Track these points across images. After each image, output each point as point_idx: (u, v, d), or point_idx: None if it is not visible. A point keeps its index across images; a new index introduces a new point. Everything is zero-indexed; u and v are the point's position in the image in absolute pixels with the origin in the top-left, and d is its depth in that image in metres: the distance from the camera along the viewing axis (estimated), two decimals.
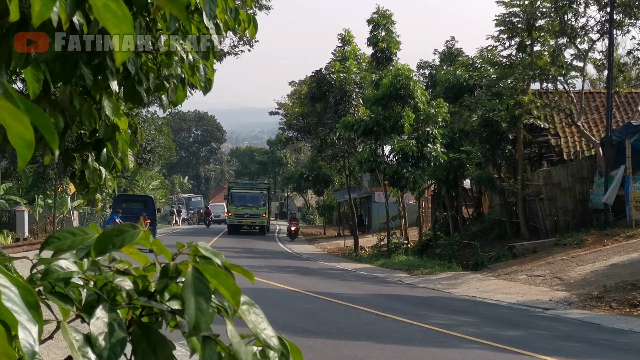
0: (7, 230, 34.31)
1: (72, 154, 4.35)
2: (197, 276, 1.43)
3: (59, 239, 1.53)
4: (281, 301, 16.32)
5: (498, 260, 26.04)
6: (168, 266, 1.50)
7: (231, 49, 40.72)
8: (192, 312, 1.38)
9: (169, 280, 1.49)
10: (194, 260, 1.48)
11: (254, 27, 4.45)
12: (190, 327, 1.37)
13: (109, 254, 1.54)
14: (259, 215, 55.59)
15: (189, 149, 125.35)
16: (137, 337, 1.44)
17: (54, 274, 1.49)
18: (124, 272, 1.57)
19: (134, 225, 1.52)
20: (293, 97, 62.07)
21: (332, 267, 29.95)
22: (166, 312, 1.50)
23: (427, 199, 44.24)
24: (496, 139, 29.03)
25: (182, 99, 4.35)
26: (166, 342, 1.45)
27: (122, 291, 1.52)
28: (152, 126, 53.29)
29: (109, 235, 1.48)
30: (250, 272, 1.58)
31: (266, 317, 1.65)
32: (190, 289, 1.40)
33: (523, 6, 28.48)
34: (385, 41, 40.41)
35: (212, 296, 1.42)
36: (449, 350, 11.17)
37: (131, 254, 1.68)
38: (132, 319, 1.50)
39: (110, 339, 1.37)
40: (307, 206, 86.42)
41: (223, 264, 1.50)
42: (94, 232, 1.55)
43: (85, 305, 1.47)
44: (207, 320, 1.39)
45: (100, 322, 1.39)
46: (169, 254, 1.56)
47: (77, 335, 1.37)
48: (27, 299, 1.23)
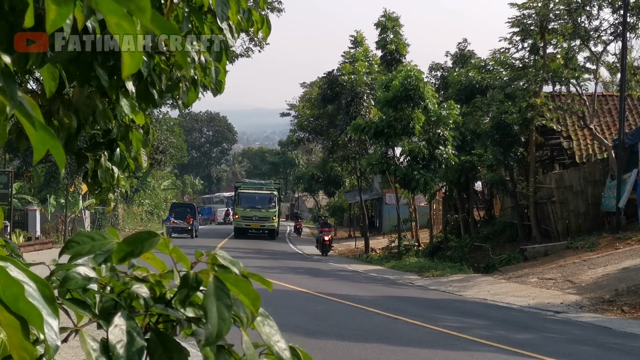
0: (19, 230, 34.46)
1: (85, 154, 4.36)
2: (218, 285, 1.43)
3: (78, 244, 1.54)
4: (292, 302, 16.32)
5: (509, 263, 25.96)
6: (188, 275, 1.50)
7: (244, 51, 40.84)
8: (215, 320, 1.38)
9: (190, 291, 1.49)
10: (212, 269, 1.48)
11: (268, 27, 4.45)
12: (212, 336, 1.37)
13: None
14: (269, 218, 50.87)
15: (200, 149, 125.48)
16: (153, 344, 1.44)
17: (72, 280, 1.49)
18: (142, 280, 1.58)
19: (153, 233, 1.52)
20: (304, 99, 62.10)
21: (343, 269, 29.94)
22: (183, 320, 1.51)
23: (438, 201, 44.17)
24: (508, 142, 28.94)
25: (193, 100, 4.35)
26: (182, 349, 1.45)
27: (139, 298, 1.52)
28: (164, 126, 53.43)
29: (129, 243, 1.49)
30: (269, 281, 1.58)
31: (277, 319, 1.65)
32: (212, 298, 1.41)
33: (536, 8, 28.39)
34: (394, 43, 40.38)
35: (232, 305, 1.42)
36: (460, 353, 11.14)
37: (148, 259, 1.68)
38: (149, 325, 1.50)
39: (129, 348, 1.37)
40: (318, 207, 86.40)
41: (241, 272, 1.51)
42: (113, 237, 1.55)
43: (102, 312, 1.48)
44: (227, 328, 1.40)
45: (119, 330, 1.39)
46: (188, 262, 1.56)
47: (94, 344, 1.37)
48: (44, 293, 1.24)
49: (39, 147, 1.29)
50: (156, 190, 68.09)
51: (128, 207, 58.97)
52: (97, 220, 47.33)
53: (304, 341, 10.77)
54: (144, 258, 1.66)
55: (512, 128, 28.68)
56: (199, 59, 4.04)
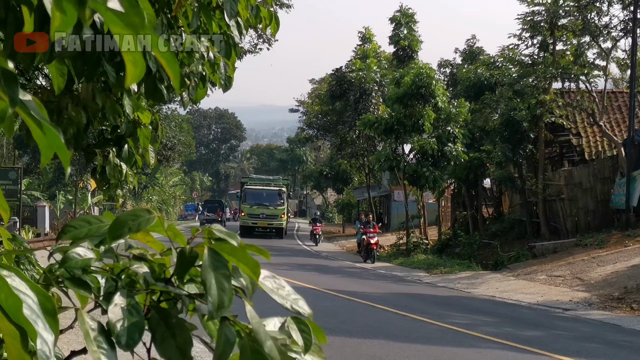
0: (29, 226, 34.57)
1: (93, 150, 4.37)
2: (214, 256, 1.42)
3: (75, 228, 1.53)
4: None
5: (518, 260, 25.91)
6: (184, 250, 1.49)
7: (252, 47, 40.81)
8: (215, 291, 1.37)
9: (186, 265, 1.48)
10: (209, 243, 1.47)
11: (276, 24, 4.45)
12: (215, 307, 1.36)
13: (125, 241, 1.54)
14: (277, 216, 47.93)
15: (208, 146, 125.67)
16: (155, 321, 1.44)
17: (72, 261, 1.50)
18: (140, 258, 1.58)
19: (149, 210, 1.52)
20: (313, 95, 62.08)
21: (351, 266, 29.94)
22: (184, 296, 1.50)
23: (447, 198, 44.10)
24: (517, 138, 28.86)
25: (202, 96, 4.36)
26: (185, 325, 1.45)
27: (139, 278, 1.52)
28: (173, 123, 53.47)
29: (123, 220, 1.47)
30: (266, 251, 1.56)
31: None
32: (209, 269, 1.40)
33: (546, 5, 28.29)
34: (407, 39, 40.33)
35: (231, 274, 1.42)
36: (468, 350, 11.13)
37: (148, 242, 1.68)
38: (151, 304, 1.50)
39: (129, 326, 1.37)
40: (327, 204, 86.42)
41: (238, 244, 1.50)
42: (109, 220, 1.55)
43: (105, 295, 1.48)
44: (229, 299, 1.39)
45: (118, 308, 1.39)
46: (184, 238, 1.55)
47: (92, 323, 1.37)
48: (45, 306, 1.24)
49: (46, 152, 1.30)
50: (165, 187, 68.20)
51: (137, 203, 59.09)
52: None
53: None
54: (144, 241, 1.66)
55: (521, 125, 28.60)
56: (208, 55, 4.04)
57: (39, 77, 5.33)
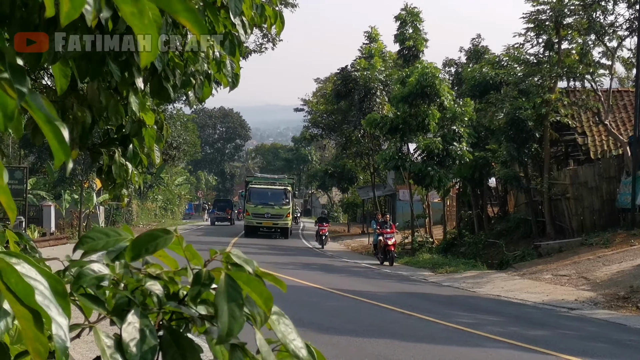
0: (34, 225, 34.62)
1: (99, 150, 4.37)
2: (230, 283, 1.43)
3: (93, 240, 1.54)
4: (306, 298, 16.33)
5: (523, 260, 25.88)
6: (201, 272, 1.50)
7: (257, 47, 40.87)
8: (225, 319, 1.38)
9: (201, 287, 1.49)
10: (226, 268, 1.48)
11: (281, 23, 4.44)
12: (223, 334, 1.37)
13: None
14: (282, 216, 46.60)
15: (213, 145, 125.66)
16: (166, 342, 1.44)
17: (87, 277, 1.50)
18: (155, 277, 1.58)
19: (167, 230, 1.52)
20: (318, 95, 62.07)
21: (356, 265, 29.94)
22: (196, 318, 1.50)
23: (452, 198, 44.07)
24: (522, 138, 28.83)
25: (208, 95, 4.36)
26: (195, 346, 1.45)
27: (152, 295, 1.52)
28: (178, 122, 53.51)
29: (142, 241, 1.49)
30: (282, 281, 1.57)
31: (291, 315, 1.64)
32: (223, 296, 1.41)
33: (551, 4, 28.24)
34: (413, 39, 40.28)
35: (244, 304, 1.42)
36: (474, 350, 11.12)
37: (160, 257, 1.68)
38: (162, 323, 1.50)
39: (142, 346, 1.37)
40: (331, 203, 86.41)
41: (254, 271, 1.50)
42: (127, 233, 1.55)
43: (115, 308, 1.48)
44: (239, 327, 1.39)
45: (132, 327, 1.39)
46: (201, 260, 1.56)
47: (108, 340, 1.37)
48: (55, 288, 1.25)
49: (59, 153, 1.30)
50: (170, 186, 68.26)
51: (142, 202, 59.15)
52: (111, 215, 47.48)
53: (317, 337, 10.78)
54: (157, 256, 1.66)
55: (527, 124, 28.57)
56: (214, 54, 4.04)
57: (44, 77, 5.34)
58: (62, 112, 3.92)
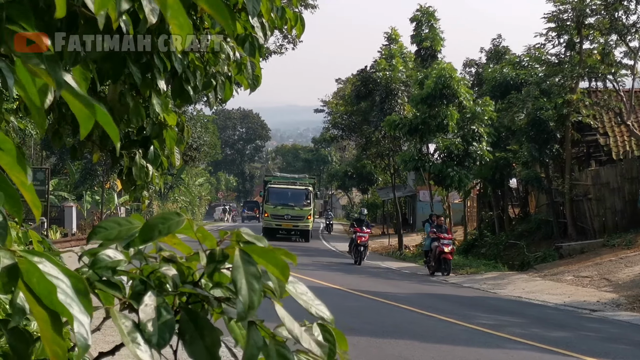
0: (56, 226, 34.88)
1: (120, 152, 4.40)
2: (245, 257, 1.44)
3: (106, 229, 1.55)
4: (325, 299, 16.05)
5: (544, 261, 25.75)
6: (215, 251, 1.51)
7: (277, 48, 40.95)
8: (245, 292, 1.39)
9: (217, 264, 1.50)
10: (237, 245, 1.49)
11: (302, 25, 4.45)
12: (245, 308, 1.38)
13: (154, 243, 1.56)
14: (303, 217, 44.12)
15: (234, 146, 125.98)
16: (184, 322, 1.46)
17: (102, 262, 1.52)
18: (169, 260, 1.59)
19: (178, 213, 1.53)
20: (337, 96, 62.03)
21: (376, 266, 29.89)
22: (212, 298, 1.52)
23: (473, 198, 43.92)
24: (544, 138, 28.69)
25: (229, 96, 4.38)
26: (213, 327, 1.47)
27: (168, 279, 1.54)
28: (198, 124, 53.68)
29: (154, 223, 1.49)
30: (293, 254, 1.57)
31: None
32: (240, 269, 1.42)
33: (572, 3, 28.09)
34: (429, 39, 40.13)
35: (261, 276, 1.43)
36: (495, 351, 11.07)
37: (174, 244, 1.69)
38: (179, 305, 1.51)
39: (159, 325, 1.38)
40: (352, 204, 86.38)
41: (267, 246, 1.51)
42: (139, 222, 1.56)
43: (132, 294, 1.49)
44: (258, 300, 1.41)
45: (149, 308, 1.41)
46: (214, 240, 1.57)
47: (126, 321, 1.39)
48: (77, 287, 1.26)
49: (85, 123, 1.38)
50: (190, 187, 68.52)
51: (163, 203, 59.43)
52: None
53: None
54: (170, 243, 1.67)
55: (548, 124, 28.43)
56: (234, 55, 4.06)
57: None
58: None
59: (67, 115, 4.07)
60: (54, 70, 1.29)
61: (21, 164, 1.30)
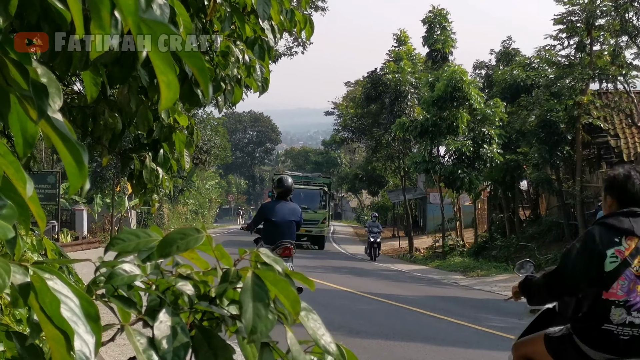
0: (67, 229, 34.95)
1: (129, 155, 4.40)
2: (256, 282, 1.43)
3: (124, 241, 1.55)
4: (336, 302, 16.31)
5: (556, 263, 25.62)
6: (229, 271, 1.51)
7: (287, 51, 40.98)
8: (250, 316, 1.38)
9: (228, 285, 1.49)
10: (254, 267, 1.48)
11: (311, 28, 4.44)
12: (247, 332, 1.37)
13: (172, 257, 1.55)
14: (317, 221, 39.05)
15: (244, 149, 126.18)
16: (198, 341, 1.45)
17: (118, 277, 1.50)
18: (186, 277, 1.58)
19: (198, 230, 1.53)
20: (348, 98, 62.02)
21: (387, 269, 29.86)
22: (227, 317, 1.51)
23: (483, 201, 43.83)
24: (554, 140, 28.61)
25: (238, 99, 4.38)
26: (227, 346, 1.46)
27: (183, 295, 1.53)
28: (208, 127, 53.74)
29: (172, 238, 1.49)
30: (311, 280, 1.57)
31: (322, 318, 1.64)
32: (248, 294, 1.41)
33: (582, 5, 28.01)
34: (441, 41, 40.05)
35: (270, 303, 1.42)
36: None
37: (192, 259, 1.68)
38: (193, 322, 1.51)
39: (174, 343, 1.38)
40: (362, 207, 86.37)
41: (284, 271, 1.50)
42: (157, 235, 1.55)
43: (147, 309, 1.48)
44: (265, 326, 1.39)
45: (164, 325, 1.40)
46: (230, 260, 1.56)
47: (141, 338, 1.38)
48: (87, 311, 1.24)
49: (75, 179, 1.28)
50: (201, 190, 68.60)
51: (173, 206, 59.48)
52: (142, 219, 47.79)
53: (348, 340, 10.75)
54: (189, 258, 1.67)
55: (558, 126, 28.35)
56: (243, 58, 4.06)
57: (75, 83, 5.38)
58: (94, 119, 3.95)
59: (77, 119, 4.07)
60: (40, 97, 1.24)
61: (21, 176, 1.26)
